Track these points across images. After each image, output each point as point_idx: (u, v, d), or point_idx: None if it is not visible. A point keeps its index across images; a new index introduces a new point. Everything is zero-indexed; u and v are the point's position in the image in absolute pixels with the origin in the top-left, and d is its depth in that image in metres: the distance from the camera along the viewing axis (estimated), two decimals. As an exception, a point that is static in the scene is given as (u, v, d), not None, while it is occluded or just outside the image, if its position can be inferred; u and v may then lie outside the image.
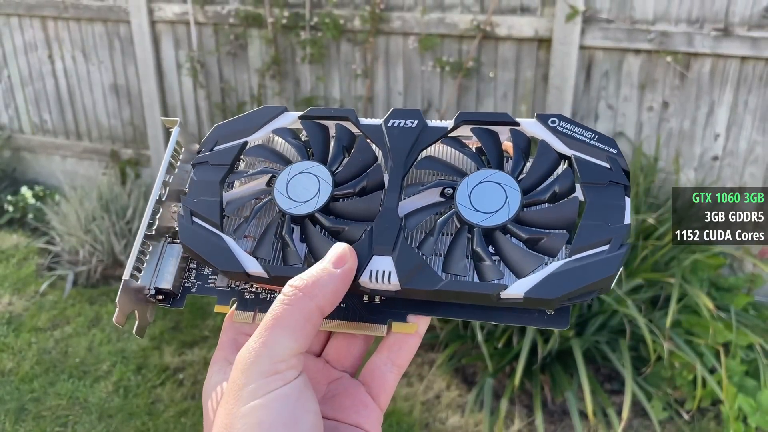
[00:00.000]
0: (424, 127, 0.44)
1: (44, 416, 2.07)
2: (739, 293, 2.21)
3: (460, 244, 0.41)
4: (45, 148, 3.58)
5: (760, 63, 2.19)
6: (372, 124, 0.45)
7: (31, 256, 2.98)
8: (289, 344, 0.35)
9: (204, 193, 0.45)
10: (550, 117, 0.43)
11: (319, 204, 0.43)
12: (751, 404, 1.94)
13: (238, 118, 0.48)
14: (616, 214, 0.40)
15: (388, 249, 0.41)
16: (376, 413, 0.42)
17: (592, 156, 0.41)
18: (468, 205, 0.41)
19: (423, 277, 0.40)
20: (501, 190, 0.41)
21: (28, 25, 3.36)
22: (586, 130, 0.42)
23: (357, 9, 2.67)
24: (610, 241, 0.39)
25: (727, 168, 2.34)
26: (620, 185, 0.40)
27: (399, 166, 0.43)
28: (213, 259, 0.43)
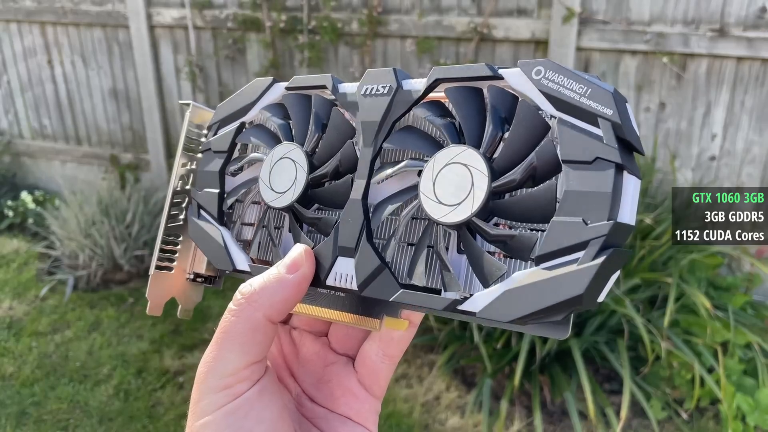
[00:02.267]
0: (397, 91, 0.37)
1: (45, 420, 2.07)
2: (737, 292, 2.22)
3: (423, 243, 0.36)
4: (45, 153, 3.59)
5: (756, 63, 2.20)
6: (348, 91, 0.40)
7: (32, 261, 2.99)
8: (236, 359, 0.34)
9: (208, 184, 0.45)
10: (536, 65, 0.33)
11: (296, 194, 0.40)
12: (750, 403, 1.95)
13: (234, 96, 0.46)
14: (598, 206, 0.30)
15: (350, 250, 0.37)
16: (367, 404, 0.41)
17: (581, 119, 0.31)
18: (431, 196, 0.35)
19: (380, 285, 0.36)
20: (468, 174, 0.34)
21: (28, 31, 3.37)
22: (578, 80, 0.32)
23: (354, 12, 2.68)
24: (586, 245, 0.30)
25: (725, 168, 2.35)
26: (611, 163, 0.30)
27: (368, 145, 0.38)
28: (210, 256, 0.44)
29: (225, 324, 0.35)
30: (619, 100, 0.31)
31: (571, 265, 0.30)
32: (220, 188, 0.44)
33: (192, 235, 0.45)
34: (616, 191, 0.30)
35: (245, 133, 0.45)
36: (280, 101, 0.44)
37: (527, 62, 0.33)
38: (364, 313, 0.39)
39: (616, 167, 0.30)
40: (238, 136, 0.45)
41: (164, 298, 0.46)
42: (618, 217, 0.30)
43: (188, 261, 0.47)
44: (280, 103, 0.44)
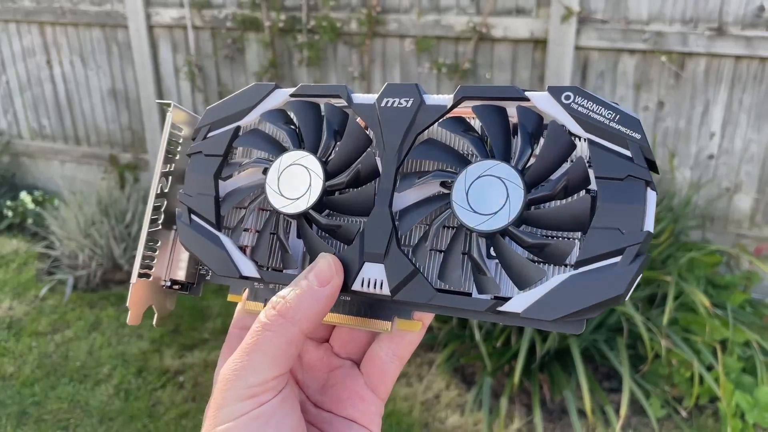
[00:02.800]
0: (421, 105, 0.38)
1: (45, 420, 2.07)
2: (736, 291, 2.22)
3: (456, 249, 0.38)
4: (44, 153, 3.59)
5: (754, 62, 2.21)
6: (365, 102, 0.40)
7: (31, 261, 2.99)
8: (267, 370, 0.35)
9: (200, 188, 0.43)
10: (564, 90, 0.36)
11: (311, 201, 0.40)
12: (749, 401, 1.95)
13: (228, 99, 0.44)
14: (633, 217, 0.34)
15: (379, 256, 0.38)
16: (373, 406, 0.42)
17: (611, 141, 0.35)
18: (465, 205, 0.36)
19: (415, 289, 0.38)
20: (502, 187, 0.36)
21: (26, 31, 3.37)
22: (606, 107, 0.35)
23: (353, 12, 2.68)
24: (623, 252, 0.34)
25: (723, 166, 2.36)
26: (641, 181, 0.34)
27: (392, 156, 0.39)
28: (211, 263, 0.42)
29: (259, 337, 0.36)
30: (641, 128, 0.35)
31: (610, 269, 0.34)
32: (215, 193, 0.43)
33: (185, 242, 0.43)
34: (646, 202, 0.34)
35: (244, 138, 0.44)
36: (282, 107, 0.43)
37: (556, 87, 0.36)
38: (373, 315, 0.40)
39: (646, 184, 0.34)
40: (235, 141, 0.44)
41: (143, 306, 0.45)
42: (646, 225, 0.34)
43: (164, 268, 0.46)
44: (280, 110, 0.43)
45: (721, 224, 2.42)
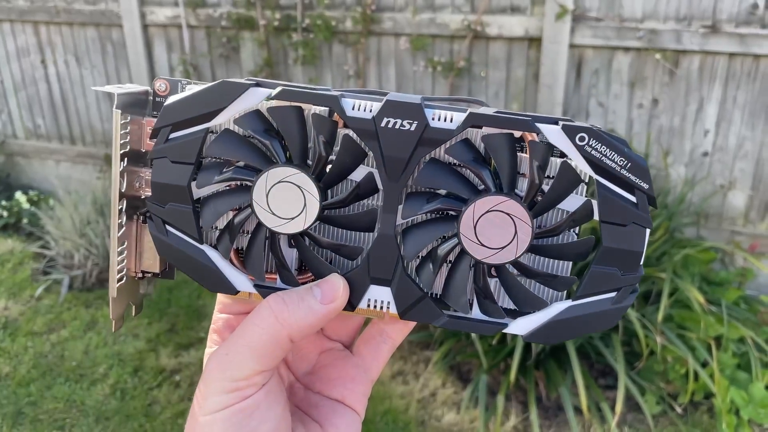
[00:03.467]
0: (426, 129, 0.36)
1: (41, 420, 2.07)
2: (730, 287, 2.23)
3: (461, 274, 0.38)
4: (39, 152, 3.58)
5: (747, 59, 2.21)
6: (361, 117, 0.36)
7: (27, 261, 2.98)
8: (251, 366, 0.36)
9: (172, 198, 0.39)
10: (579, 131, 0.35)
11: (308, 222, 0.38)
12: (743, 397, 1.96)
13: (191, 96, 0.38)
14: (631, 261, 0.36)
15: (386, 280, 0.38)
16: (362, 386, 0.43)
17: (619, 186, 0.35)
18: (473, 238, 0.36)
19: (423, 312, 0.38)
20: (511, 224, 0.36)
21: (21, 31, 3.36)
22: (619, 153, 0.35)
23: (348, 10, 2.68)
24: (619, 289, 0.37)
25: (717, 164, 2.36)
26: (643, 228, 0.36)
27: (395, 180, 0.37)
28: (201, 281, 0.40)
29: (247, 331, 0.36)
30: (649, 178, 0.36)
31: (605, 303, 0.37)
32: (191, 206, 0.39)
33: (167, 257, 0.40)
34: (645, 242, 0.37)
35: (219, 145, 0.38)
36: (257, 109, 0.38)
37: (570, 126, 0.35)
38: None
39: (646, 229, 0.36)
40: (207, 147, 0.38)
41: (123, 308, 0.43)
42: (640, 271, 0.37)
43: (133, 260, 0.43)
44: (258, 114, 0.38)
45: (716, 221, 2.43)
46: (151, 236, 0.40)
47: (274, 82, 0.38)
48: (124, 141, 0.40)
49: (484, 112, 0.36)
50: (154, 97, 0.42)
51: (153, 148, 0.39)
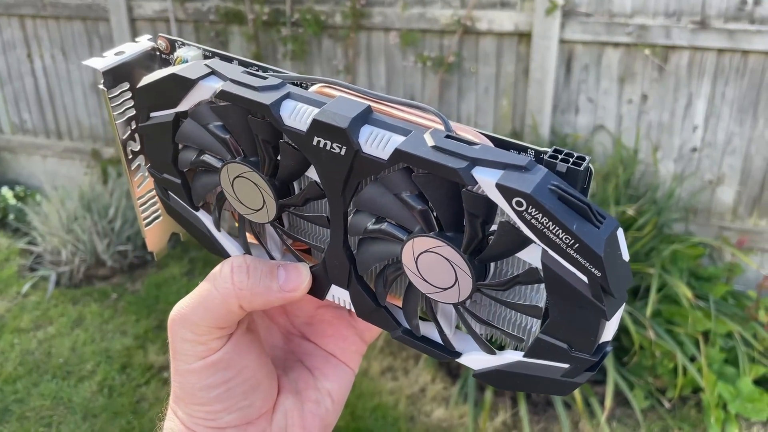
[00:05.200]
0: (356, 155, 0.32)
1: (28, 417, 2.06)
2: (718, 282, 2.24)
3: (412, 298, 0.36)
4: (25, 148, 3.55)
5: (736, 55, 2.22)
6: (296, 129, 0.34)
7: (13, 257, 2.95)
8: (207, 324, 0.37)
9: (164, 170, 0.41)
10: (515, 195, 0.28)
11: (271, 215, 0.38)
12: (731, 391, 1.97)
13: (151, 84, 0.38)
14: (583, 342, 0.31)
15: (342, 284, 0.38)
16: (354, 346, 0.44)
17: (569, 262, 0.29)
18: (415, 272, 0.34)
19: (380, 320, 0.38)
20: (451, 270, 0.32)
21: (6, 24, 3.33)
22: (563, 230, 0.28)
23: (338, 5, 2.67)
24: (571, 363, 0.32)
25: (706, 159, 2.37)
26: (596, 314, 0.30)
27: (336, 200, 0.35)
28: (200, 240, 0.43)
29: (204, 291, 0.38)
30: (611, 250, 0.28)
31: (557, 371, 0.32)
32: (180, 178, 0.40)
33: (171, 216, 0.43)
34: (600, 332, 0.30)
35: (186, 133, 0.38)
36: (209, 102, 0.37)
37: (506, 187, 0.28)
38: None
39: (601, 318, 0.30)
40: (177, 133, 0.39)
41: (164, 239, 0.46)
42: (602, 339, 0.31)
43: None
44: (211, 111, 0.37)
45: (704, 216, 2.44)
46: (157, 195, 0.42)
47: (224, 72, 0.36)
48: (123, 109, 0.42)
49: (414, 150, 0.30)
50: (160, 54, 0.43)
51: (138, 125, 0.40)
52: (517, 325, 0.36)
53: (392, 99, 0.35)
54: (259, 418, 0.39)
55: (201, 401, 0.38)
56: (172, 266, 2.81)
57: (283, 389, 0.41)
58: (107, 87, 0.40)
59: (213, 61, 0.38)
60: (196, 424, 0.38)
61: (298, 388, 0.42)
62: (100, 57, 0.40)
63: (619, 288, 0.29)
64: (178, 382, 0.38)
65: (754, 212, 2.38)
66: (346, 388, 0.44)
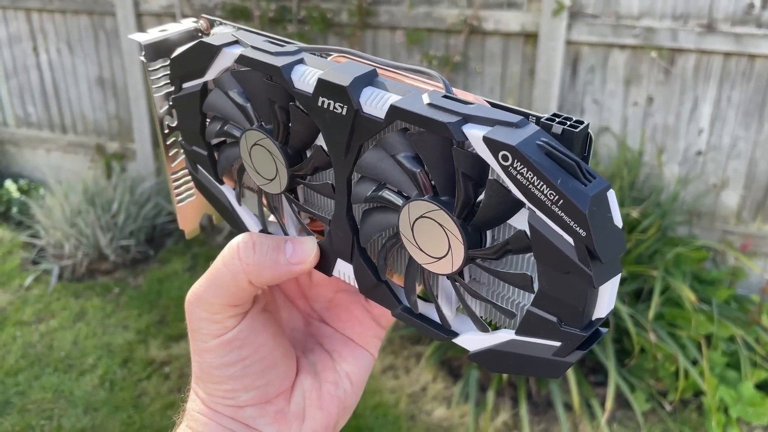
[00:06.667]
0: (357, 115, 0.33)
1: (29, 409, 2.06)
2: (722, 286, 2.24)
3: (411, 273, 0.36)
4: (29, 141, 3.55)
5: (743, 59, 2.21)
6: (304, 91, 0.35)
7: (16, 250, 2.96)
8: (221, 301, 0.38)
9: (193, 142, 0.43)
10: (501, 149, 0.28)
11: (283, 185, 0.39)
12: (732, 395, 1.97)
13: (186, 51, 0.40)
14: (571, 315, 0.30)
15: (347, 257, 0.38)
16: (371, 331, 0.44)
17: (555, 223, 0.28)
18: (412, 240, 0.33)
19: (381, 297, 0.38)
20: (444, 236, 0.32)
21: (13, 17, 3.33)
22: (548, 185, 0.27)
23: (344, 2, 2.67)
24: (561, 340, 0.31)
25: (711, 163, 2.37)
26: (582, 281, 0.28)
27: (339, 164, 0.35)
28: (223, 215, 0.44)
29: (215, 270, 0.38)
30: (598, 209, 0.27)
31: (549, 349, 0.31)
32: (207, 150, 0.42)
33: (199, 190, 0.44)
34: (591, 299, 0.29)
35: (212, 103, 0.40)
36: (232, 69, 0.39)
37: (492, 140, 0.28)
38: None
39: (590, 280, 0.28)
40: (205, 103, 0.40)
41: (196, 219, 0.47)
42: (594, 315, 0.30)
43: None
44: (234, 77, 0.39)
45: (708, 220, 2.44)
46: (188, 171, 0.43)
47: (246, 40, 0.38)
48: (162, 84, 0.43)
49: (409, 106, 0.30)
50: (201, 33, 0.44)
51: (172, 95, 0.42)
52: (512, 303, 0.35)
53: (400, 65, 0.35)
54: (277, 396, 0.40)
55: (218, 380, 0.38)
56: (175, 261, 2.82)
57: (301, 370, 0.42)
58: (147, 60, 0.42)
59: (239, 32, 0.39)
60: (216, 403, 0.39)
61: (317, 369, 0.43)
62: (143, 32, 0.42)
63: (607, 253, 0.27)
64: (197, 362, 0.39)
65: (758, 216, 2.38)
66: (366, 372, 0.44)
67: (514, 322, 0.34)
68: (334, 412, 0.42)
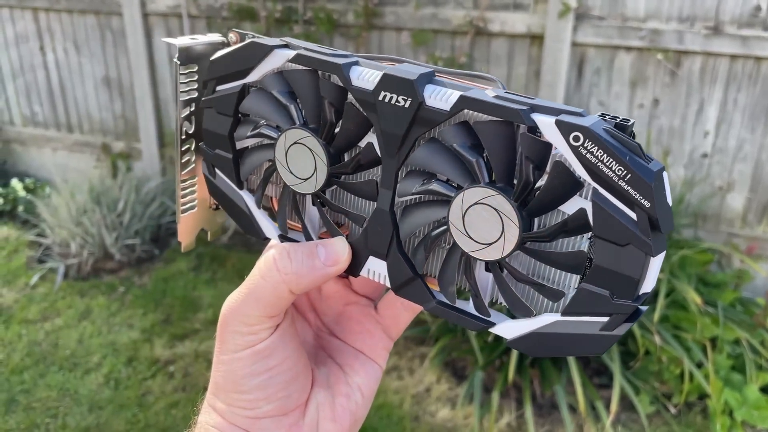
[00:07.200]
0: (420, 107, 0.35)
1: (34, 407, 2.06)
2: (727, 289, 2.23)
3: (452, 263, 0.37)
4: (36, 140, 3.56)
5: (749, 61, 2.21)
6: (363, 87, 0.36)
7: (22, 249, 2.97)
8: (259, 312, 0.39)
9: (217, 145, 0.43)
10: (574, 130, 0.31)
11: (318, 184, 0.39)
12: (737, 398, 1.96)
13: (230, 53, 0.41)
14: (625, 287, 0.31)
15: (381, 254, 0.39)
16: (381, 342, 0.45)
17: (618, 198, 0.31)
18: (461, 229, 0.35)
19: (415, 292, 0.39)
20: (498, 220, 0.33)
21: (20, 17, 3.34)
22: (618, 161, 0.30)
23: (350, 3, 2.67)
24: (611, 315, 0.32)
25: (716, 165, 2.36)
26: (642, 252, 0.31)
27: (391, 157, 0.37)
28: (237, 220, 0.44)
29: (252, 283, 0.39)
30: (658, 184, 0.30)
31: (594, 326, 0.33)
32: (232, 152, 0.42)
33: (213, 195, 0.45)
34: (645, 270, 0.31)
35: (251, 102, 0.41)
36: (281, 70, 0.40)
37: (565, 122, 0.31)
38: None
39: (645, 254, 0.31)
40: (243, 103, 0.41)
41: (193, 233, 0.48)
42: (641, 290, 0.32)
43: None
44: (281, 77, 0.40)
45: (714, 223, 2.43)
46: (203, 176, 0.44)
47: (297, 44, 0.39)
48: (188, 89, 0.44)
49: (478, 96, 0.33)
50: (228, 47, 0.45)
51: (203, 98, 0.43)
52: (556, 282, 0.36)
53: (455, 71, 0.37)
54: (294, 409, 0.41)
55: (243, 389, 0.39)
56: (179, 261, 2.82)
57: (315, 383, 0.42)
58: (181, 63, 0.43)
59: (285, 38, 0.41)
60: (234, 414, 0.40)
61: (329, 382, 0.43)
62: (173, 38, 0.43)
63: (665, 225, 0.30)
64: (222, 371, 0.39)
65: (764, 219, 2.37)
66: (376, 383, 0.45)
67: (557, 303, 0.36)
68: (346, 425, 0.42)
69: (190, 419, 0.42)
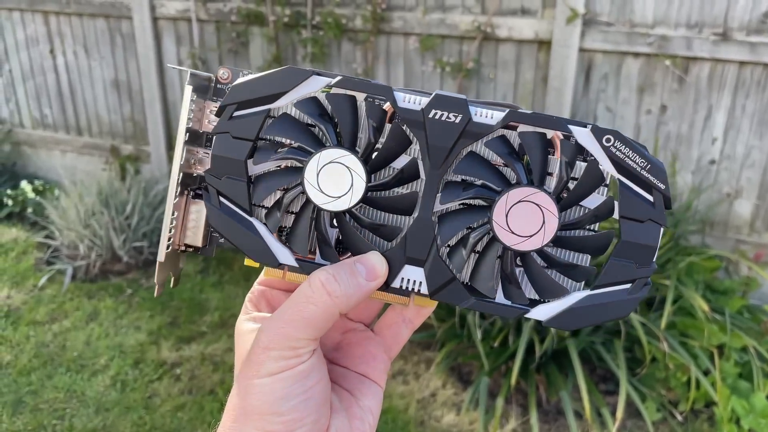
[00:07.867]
0: (469, 122, 0.40)
1: (41, 409, 2.08)
2: (734, 296, 2.22)
3: (489, 260, 0.42)
4: (45, 142, 3.59)
5: (758, 68, 2.21)
6: (410, 108, 0.40)
7: (30, 250, 2.99)
8: (307, 335, 0.40)
9: (229, 171, 0.43)
10: (606, 134, 0.39)
11: (353, 201, 0.41)
12: (745, 406, 1.95)
13: (257, 79, 0.42)
14: (646, 255, 0.40)
15: (420, 261, 0.42)
16: (383, 364, 0.47)
17: (639, 186, 0.40)
18: (504, 225, 0.40)
19: (452, 293, 0.42)
20: (540, 214, 0.40)
21: (30, 20, 3.37)
22: (640, 155, 0.39)
23: (358, 8, 2.68)
24: (634, 281, 0.40)
25: (724, 172, 2.36)
26: (658, 225, 0.40)
27: (436, 168, 0.41)
28: (246, 250, 0.43)
29: (300, 308, 0.40)
30: (665, 178, 0.40)
31: (620, 293, 0.41)
32: (246, 178, 0.43)
33: (216, 226, 0.43)
34: (659, 238, 0.40)
35: (277, 126, 0.42)
36: (315, 96, 0.42)
37: (599, 128, 0.39)
38: (394, 291, 0.44)
39: (661, 226, 0.40)
40: (267, 127, 0.42)
41: (167, 274, 0.46)
42: (653, 265, 0.41)
43: (177, 234, 0.46)
44: (314, 99, 0.42)
45: (721, 229, 2.42)
46: (206, 206, 0.43)
47: (331, 73, 0.42)
48: (190, 117, 0.44)
49: (525, 111, 0.40)
50: (216, 83, 0.46)
51: (218, 123, 0.43)
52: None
53: (486, 101, 0.42)
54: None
55: (282, 410, 0.40)
56: (187, 264, 2.83)
57: (333, 408, 0.43)
58: (193, 89, 0.43)
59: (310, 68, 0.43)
60: None
61: (344, 406, 0.44)
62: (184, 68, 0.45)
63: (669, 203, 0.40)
64: (256, 394, 0.40)
65: (772, 226, 2.36)
66: (380, 403, 0.47)
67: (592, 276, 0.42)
68: None
69: (196, 422, 0.42)
